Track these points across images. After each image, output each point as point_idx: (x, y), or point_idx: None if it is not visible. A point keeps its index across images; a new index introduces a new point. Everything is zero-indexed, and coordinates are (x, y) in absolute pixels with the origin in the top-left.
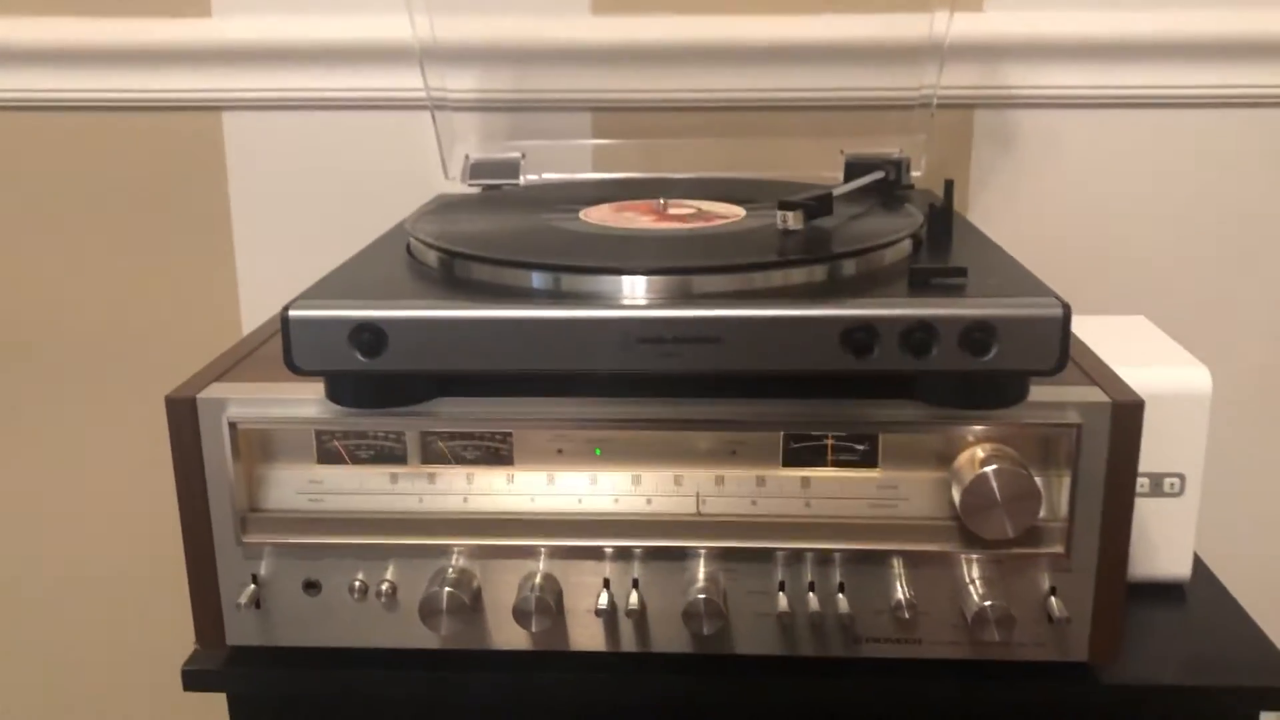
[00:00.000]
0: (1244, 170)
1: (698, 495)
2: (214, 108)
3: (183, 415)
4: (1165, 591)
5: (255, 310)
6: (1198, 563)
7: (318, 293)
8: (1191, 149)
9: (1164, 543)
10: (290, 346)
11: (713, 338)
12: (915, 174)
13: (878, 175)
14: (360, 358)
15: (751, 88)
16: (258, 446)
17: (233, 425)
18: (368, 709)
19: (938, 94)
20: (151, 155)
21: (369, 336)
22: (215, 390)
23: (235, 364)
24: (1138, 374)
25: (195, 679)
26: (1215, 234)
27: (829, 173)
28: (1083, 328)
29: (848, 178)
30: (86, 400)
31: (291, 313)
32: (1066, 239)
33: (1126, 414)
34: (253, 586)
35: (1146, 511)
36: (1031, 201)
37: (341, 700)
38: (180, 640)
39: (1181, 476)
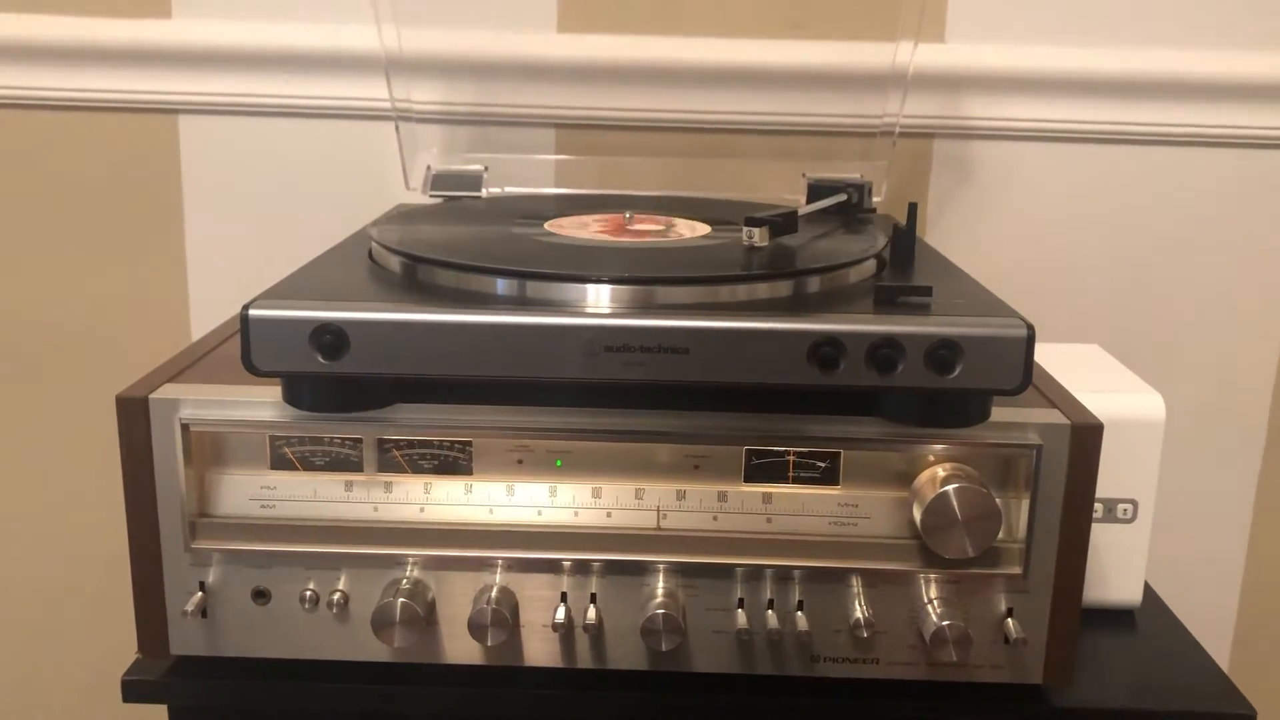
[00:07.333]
0: (1194, 205)
1: (658, 509)
2: (170, 110)
3: (134, 415)
4: (1116, 617)
5: (204, 317)
6: (1147, 589)
7: (279, 292)
8: (1144, 183)
9: (1116, 568)
10: (249, 346)
11: (681, 348)
12: (876, 199)
13: (841, 197)
14: (320, 359)
15: (716, 110)
16: (210, 450)
17: (185, 427)
18: None
19: (900, 122)
20: (105, 156)
21: (330, 338)
22: (168, 390)
23: (189, 365)
24: (1093, 400)
25: (136, 689)
26: (1166, 266)
27: (791, 195)
28: (1038, 355)
29: (810, 200)
30: (33, 400)
31: (252, 312)
32: (1022, 268)
33: (1086, 436)
34: (200, 594)
35: (1099, 537)
36: (987, 230)
37: (289, 714)
38: (121, 648)
39: (1134, 503)
